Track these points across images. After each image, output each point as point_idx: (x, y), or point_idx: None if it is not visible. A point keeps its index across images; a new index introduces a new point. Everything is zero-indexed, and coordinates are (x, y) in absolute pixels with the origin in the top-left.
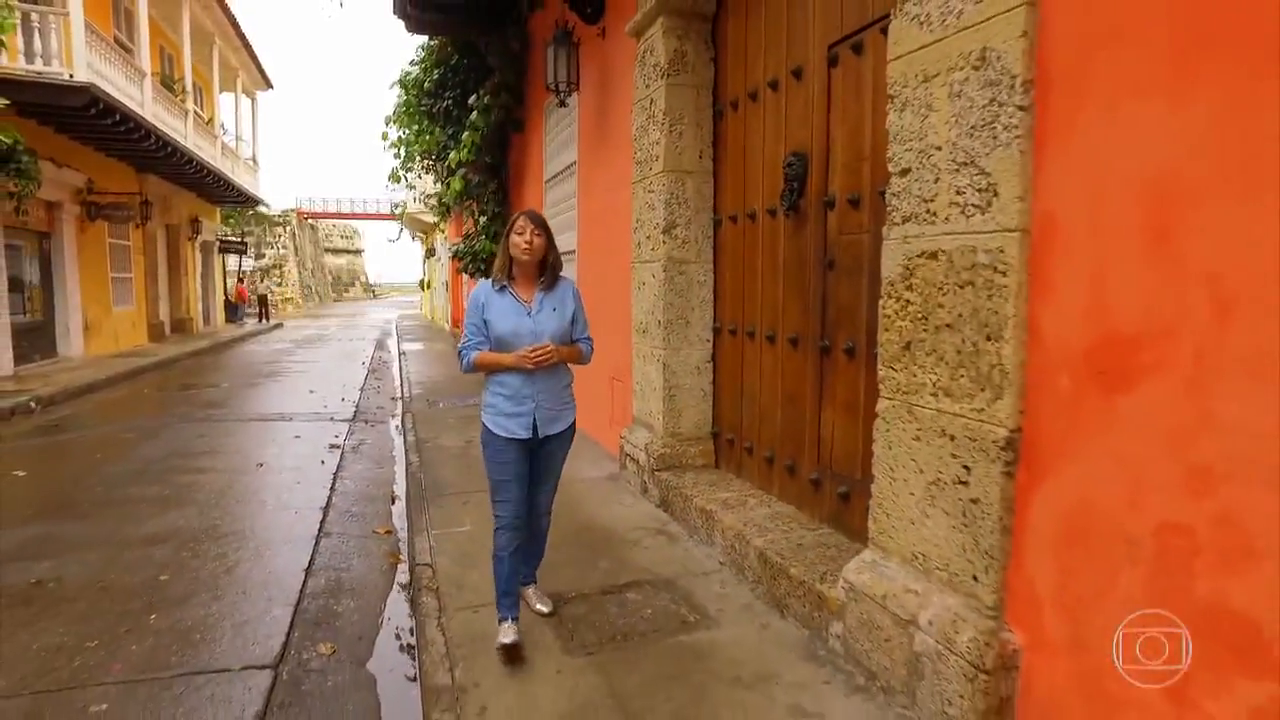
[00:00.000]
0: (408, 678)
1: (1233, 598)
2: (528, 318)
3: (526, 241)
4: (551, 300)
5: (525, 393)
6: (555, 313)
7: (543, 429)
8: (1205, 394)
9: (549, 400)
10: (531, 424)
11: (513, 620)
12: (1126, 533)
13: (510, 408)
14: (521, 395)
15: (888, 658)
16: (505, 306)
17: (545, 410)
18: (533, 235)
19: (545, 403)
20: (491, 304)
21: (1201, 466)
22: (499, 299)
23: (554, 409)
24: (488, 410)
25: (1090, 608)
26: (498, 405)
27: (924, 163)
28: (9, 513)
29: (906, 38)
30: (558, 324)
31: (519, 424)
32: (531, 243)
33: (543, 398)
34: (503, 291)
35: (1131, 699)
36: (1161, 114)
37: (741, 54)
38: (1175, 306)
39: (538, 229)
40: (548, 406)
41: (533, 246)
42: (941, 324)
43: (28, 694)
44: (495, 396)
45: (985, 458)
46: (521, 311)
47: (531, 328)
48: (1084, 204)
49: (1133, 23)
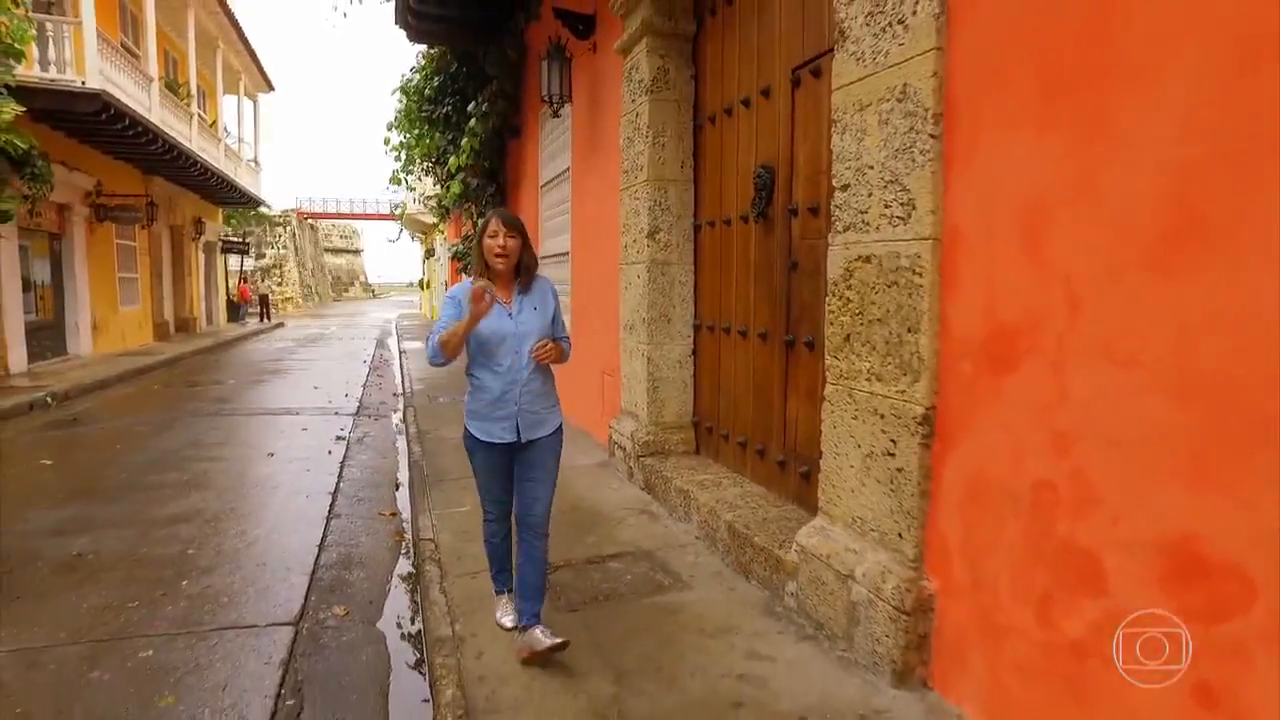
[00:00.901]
0: (413, 633)
1: (1080, 537)
2: (509, 319)
3: (500, 246)
4: (531, 300)
5: (508, 396)
6: (537, 312)
7: (525, 433)
8: (1063, 374)
9: (531, 403)
10: (515, 428)
11: (509, 593)
12: (1011, 490)
13: (492, 412)
14: (504, 399)
15: (831, 608)
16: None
17: (528, 414)
18: (505, 238)
19: (528, 406)
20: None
21: (1061, 432)
22: None
23: (537, 412)
24: (469, 416)
25: (985, 556)
26: (480, 410)
27: (860, 179)
28: (44, 496)
29: (846, 71)
30: (540, 323)
31: (502, 428)
32: (505, 246)
33: (525, 400)
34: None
35: (1013, 626)
36: (1031, 145)
37: (719, 73)
38: (1042, 302)
39: (510, 231)
40: (530, 410)
41: (506, 249)
42: (874, 318)
43: (85, 642)
44: (476, 401)
45: (907, 432)
46: (502, 313)
47: (514, 329)
48: (980, 217)
49: (1013, 71)
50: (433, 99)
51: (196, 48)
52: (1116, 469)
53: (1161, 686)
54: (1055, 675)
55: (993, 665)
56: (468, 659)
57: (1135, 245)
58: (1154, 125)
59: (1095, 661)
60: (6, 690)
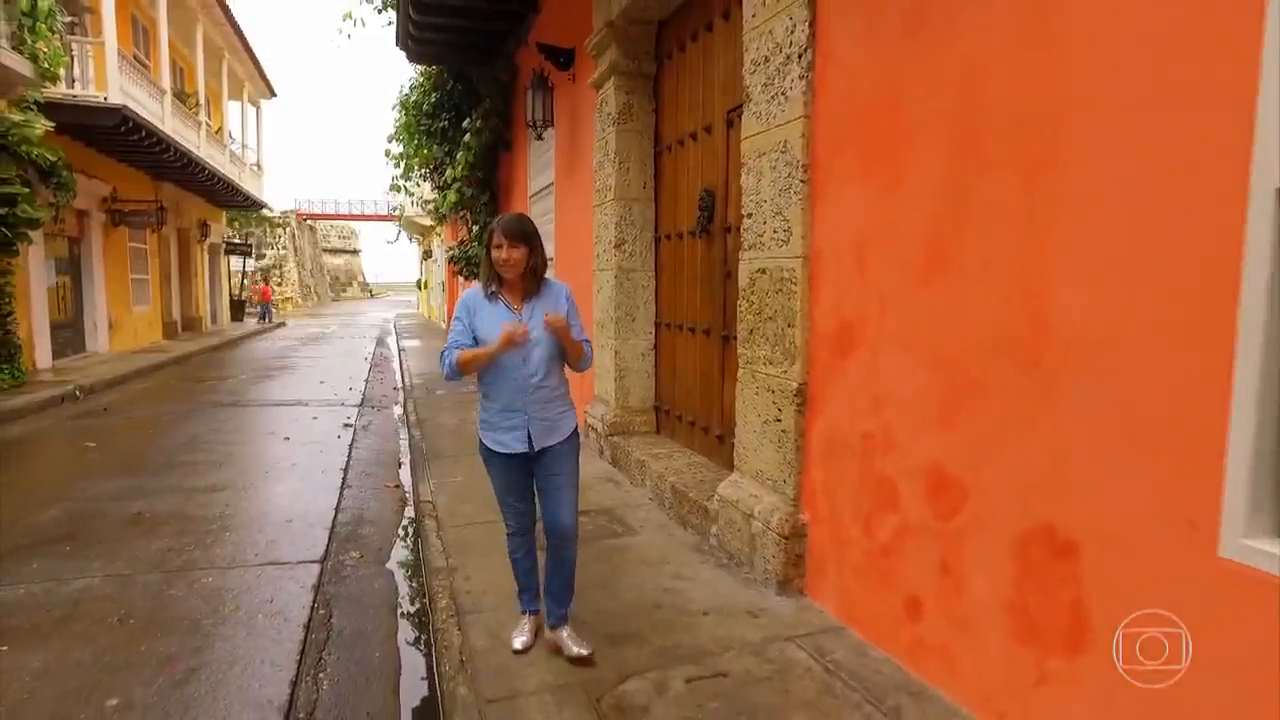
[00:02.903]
0: (414, 570)
1: (886, 470)
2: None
3: (504, 258)
4: (543, 305)
5: (517, 405)
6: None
7: (539, 441)
8: (877, 356)
9: (542, 410)
10: (526, 437)
11: (531, 615)
12: (849, 441)
13: (503, 421)
14: (513, 408)
15: (739, 541)
16: (496, 315)
17: (540, 421)
18: (509, 250)
19: (538, 413)
20: (481, 311)
21: (876, 397)
22: (489, 306)
23: (549, 419)
24: (481, 426)
25: (836, 491)
26: (491, 420)
27: (759, 210)
28: (95, 471)
29: (749, 125)
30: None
31: (514, 438)
32: (510, 258)
33: (535, 409)
34: (494, 298)
35: (851, 540)
36: (859, 194)
37: (675, 108)
38: (866, 305)
39: (514, 242)
40: (541, 417)
41: (510, 261)
42: (768, 317)
43: (160, 572)
44: (487, 411)
45: (788, 403)
46: (511, 319)
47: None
48: (832, 242)
49: (850, 139)
50: (430, 114)
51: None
52: (904, 421)
53: (917, 565)
54: (874, 571)
55: (840, 571)
56: (458, 581)
57: (912, 268)
58: (921, 189)
59: (895, 558)
60: (110, 599)
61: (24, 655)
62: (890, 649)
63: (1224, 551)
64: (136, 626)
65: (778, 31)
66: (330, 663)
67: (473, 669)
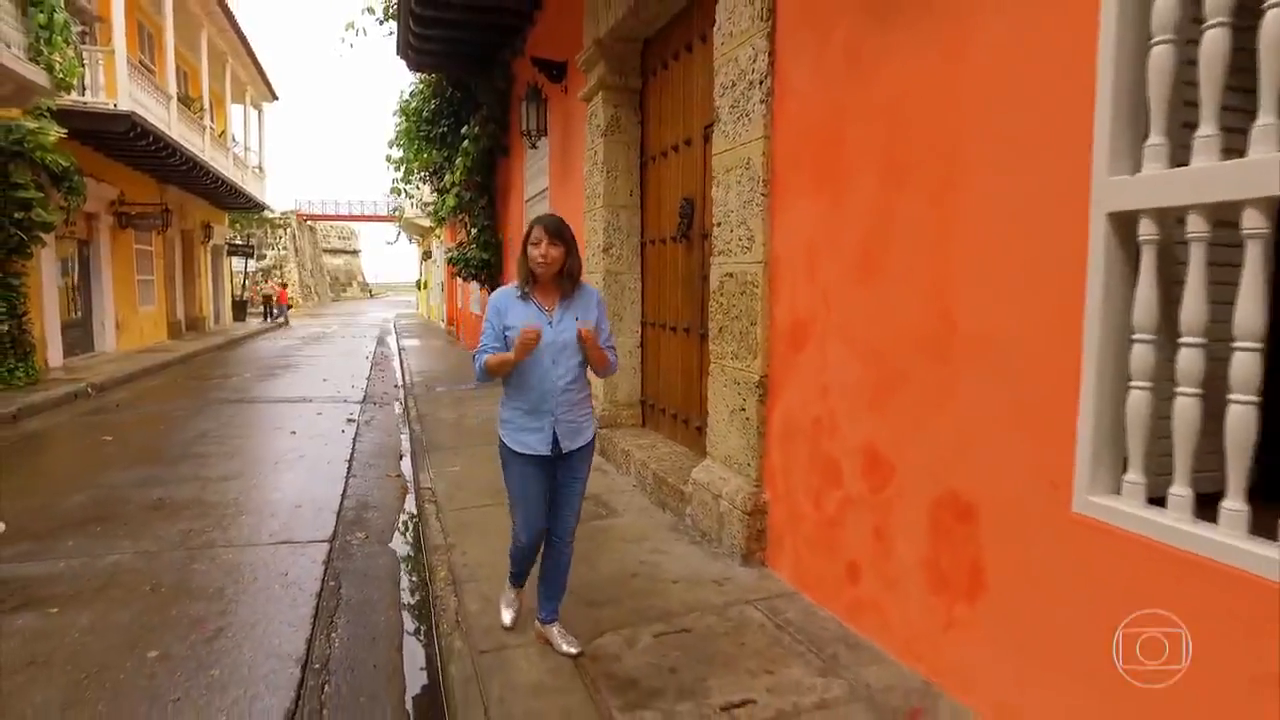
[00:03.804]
0: (415, 548)
1: (831, 450)
2: (549, 326)
3: (542, 254)
4: (574, 309)
5: (544, 407)
6: (578, 322)
7: (564, 443)
8: (824, 349)
9: (568, 413)
10: (551, 439)
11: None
12: (802, 426)
13: (529, 423)
14: (540, 410)
15: (710, 520)
16: (526, 314)
17: (565, 424)
18: (548, 247)
19: (565, 416)
20: (512, 312)
21: (824, 385)
22: (520, 307)
23: (574, 422)
24: (505, 426)
25: (791, 471)
26: (515, 420)
27: (727, 219)
28: (115, 462)
29: (719, 143)
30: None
31: (539, 439)
32: (547, 255)
33: (562, 411)
34: (525, 299)
35: (804, 515)
36: (809, 207)
37: (658, 122)
38: (815, 304)
39: (553, 239)
40: (568, 420)
41: (548, 259)
42: (734, 316)
43: (184, 549)
44: (512, 411)
45: (751, 393)
46: (542, 320)
47: (552, 337)
48: (787, 249)
49: (802, 158)
50: (430, 120)
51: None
52: (845, 406)
53: (855, 534)
54: (822, 541)
55: (795, 543)
56: (455, 556)
57: (851, 272)
58: (857, 204)
59: (838, 528)
60: (141, 572)
61: (72, 616)
62: (834, 608)
63: (1076, 507)
64: (167, 594)
65: (742, 59)
66: (340, 625)
67: (467, 626)
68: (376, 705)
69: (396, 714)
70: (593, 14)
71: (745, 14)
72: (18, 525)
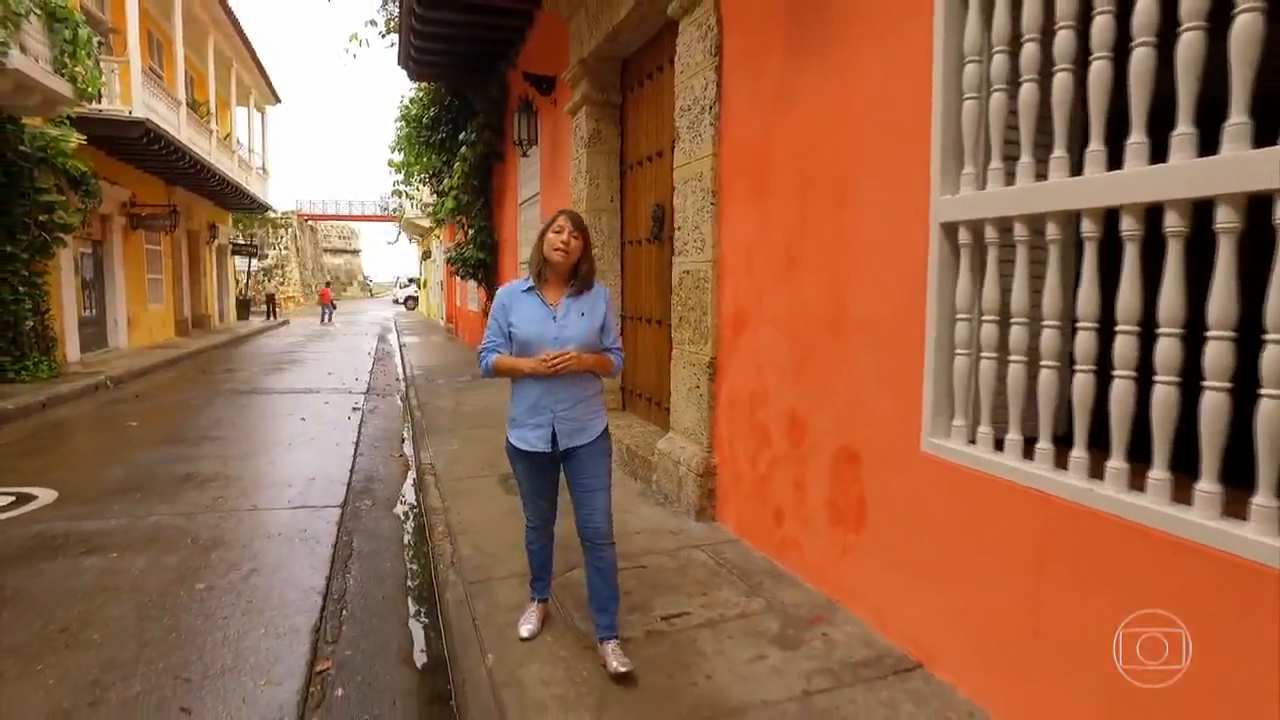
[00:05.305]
0: (416, 514)
1: (763, 418)
2: (552, 322)
3: (563, 242)
4: (580, 306)
5: (543, 403)
6: (583, 319)
7: (564, 441)
8: (758, 334)
9: (570, 411)
10: (550, 436)
11: (540, 603)
12: (741, 399)
13: (528, 419)
14: (539, 406)
15: (671, 483)
16: (530, 309)
17: (566, 422)
18: (570, 236)
19: (565, 414)
20: (516, 306)
21: (758, 364)
22: (525, 301)
23: (576, 420)
24: (509, 424)
25: (734, 438)
26: (517, 418)
27: (685, 224)
28: (142, 443)
29: (679, 158)
30: (585, 330)
31: (538, 436)
32: (568, 244)
33: (562, 409)
34: (530, 293)
35: (742, 474)
36: (747, 214)
37: (636, 134)
38: (751, 297)
39: (576, 230)
40: (568, 418)
41: (569, 248)
42: (690, 307)
43: (215, 512)
44: (515, 409)
45: (704, 373)
46: (546, 316)
47: (555, 334)
48: (731, 251)
49: (742, 173)
50: (430, 126)
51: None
52: (774, 380)
53: (781, 486)
54: (755, 495)
55: (737, 499)
56: (451, 516)
57: (778, 269)
58: (782, 214)
59: (769, 482)
60: (180, 529)
61: (129, 560)
62: (765, 549)
63: (923, 448)
64: (205, 544)
65: (696, 87)
66: (353, 569)
67: (459, 565)
68: (385, 622)
69: (402, 627)
70: (577, 37)
71: (699, 49)
72: (68, 494)
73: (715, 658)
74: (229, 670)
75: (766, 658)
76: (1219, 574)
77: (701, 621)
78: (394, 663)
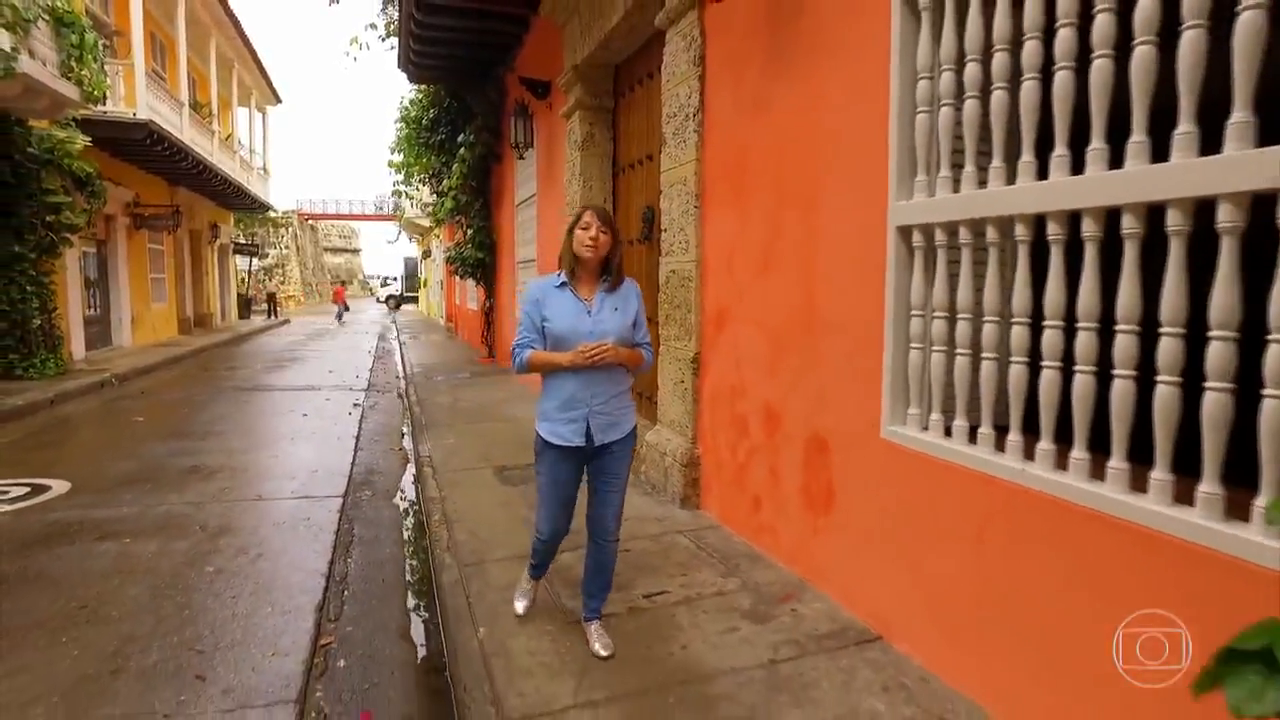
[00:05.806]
0: (414, 504)
1: (741, 410)
2: (587, 316)
3: (591, 238)
4: (614, 300)
5: (579, 397)
6: (617, 313)
7: (598, 436)
8: (738, 330)
9: (605, 405)
10: (585, 430)
11: (534, 581)
12: (722, 392)
13: (562, 413)
14: (575, 400)
15: (658, 473)
16: (564, 304)
17: (601, 416)
18: (599, 231)
19: (601, 408)
20: (549, 301)
21: (737, 359)
22: (558, 296)
23: (611, 414)
24: (539, 417)
25: (717, 430)
26: (549, 412)
27: (671, 225)
28: (149, 437)
29: (665, 162)
30: (619, 324)
31: (573, 430)
32: (597, 239)
33: (598, 402)
34: (563, 289)
35: (724, 464)
36: (727, 217)
37: (628, 138)
38: (732, 295)
39: (604, 226)
40: (603, 412)
41: (598, 243)
42: (676, 305)
43: (223, 502)
44: (548, 402)
45: (688, 368)
46: (581, 310)
47: (591, 328)
48: (713, 251)
49: (723, 177)
50: (429, 127)
51: (215, 68)
52: (752, 374)
53: (758, 474)
54: (735, 483)
55: (719, 487)
56: (447, 505)
57: (756, 267)
58: (759, 217)
59: (747, 471)
60: (189, 517)
61: (142, 545)
62: (744, 534)
63: (882, 434)
64: (214, 530)
65: (681, 94)
66: (355, 553)
67: (455, 550)
68: (385, 602)
69: (401, 606)
70: (571, 44)
71: (684, 59)
72: (80, 484)
73: (691, 631)
74: (239, 643)
75: (738, 630)
76: (1130, 539)
77: (680, 599)
78: (393, 638)
